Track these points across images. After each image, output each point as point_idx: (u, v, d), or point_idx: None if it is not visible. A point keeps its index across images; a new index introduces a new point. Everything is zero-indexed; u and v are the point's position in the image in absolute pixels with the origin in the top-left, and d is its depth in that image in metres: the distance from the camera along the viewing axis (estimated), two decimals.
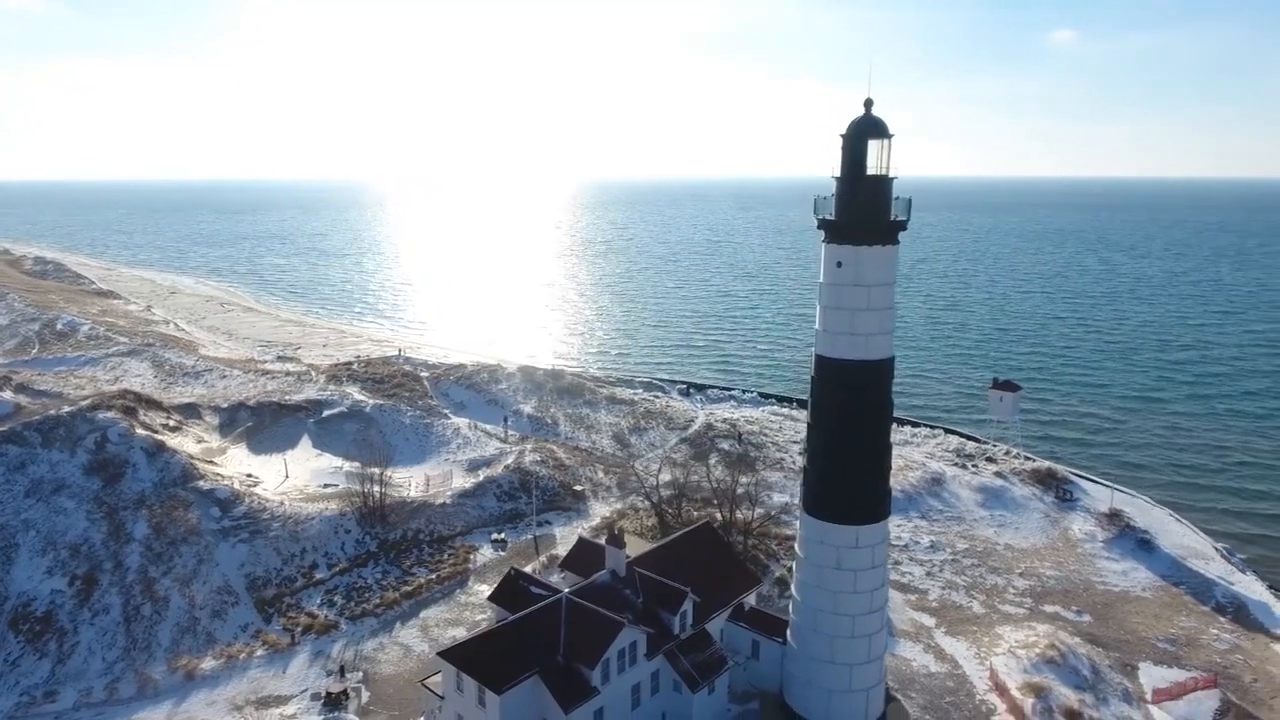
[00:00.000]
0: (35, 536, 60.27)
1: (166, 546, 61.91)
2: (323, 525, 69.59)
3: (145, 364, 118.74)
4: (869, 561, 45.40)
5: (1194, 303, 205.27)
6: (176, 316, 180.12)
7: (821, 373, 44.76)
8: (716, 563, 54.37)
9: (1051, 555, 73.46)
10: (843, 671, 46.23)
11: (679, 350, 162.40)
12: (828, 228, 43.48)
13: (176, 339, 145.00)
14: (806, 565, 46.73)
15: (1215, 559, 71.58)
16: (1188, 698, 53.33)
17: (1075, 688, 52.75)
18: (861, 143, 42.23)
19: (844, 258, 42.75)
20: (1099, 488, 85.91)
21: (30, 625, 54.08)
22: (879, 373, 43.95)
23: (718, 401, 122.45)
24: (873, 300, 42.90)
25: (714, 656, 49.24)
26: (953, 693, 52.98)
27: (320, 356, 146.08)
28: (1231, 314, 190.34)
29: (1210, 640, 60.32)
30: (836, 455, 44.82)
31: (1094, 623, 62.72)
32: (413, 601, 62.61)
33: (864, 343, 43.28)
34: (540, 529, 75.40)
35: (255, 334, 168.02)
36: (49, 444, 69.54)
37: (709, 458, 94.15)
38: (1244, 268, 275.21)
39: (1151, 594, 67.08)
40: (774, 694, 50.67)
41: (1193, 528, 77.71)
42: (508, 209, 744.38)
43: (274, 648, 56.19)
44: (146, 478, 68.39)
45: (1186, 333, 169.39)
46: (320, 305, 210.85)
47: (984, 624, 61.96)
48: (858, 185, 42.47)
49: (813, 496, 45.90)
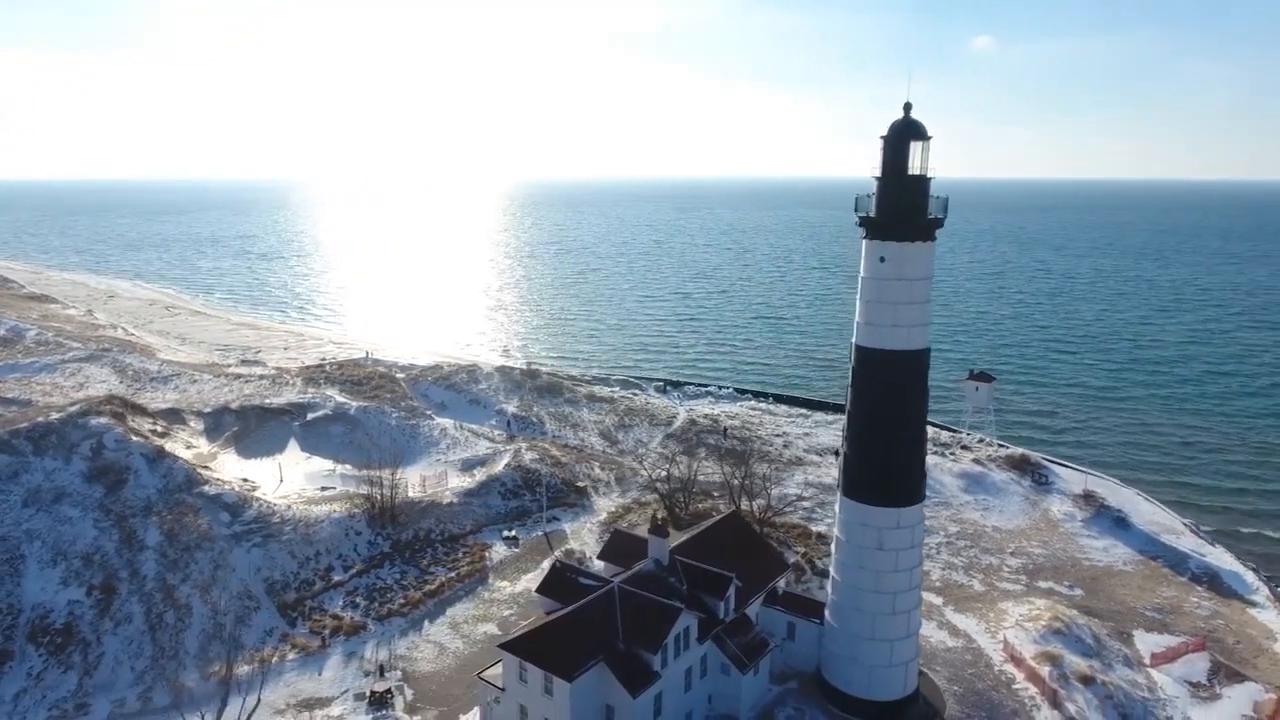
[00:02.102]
0: (42, 547, 58.07)
1: (181, 553, 60.44)
2: (333, 527, 68.82)
3: (106, 369, 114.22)
4: (909, 541, 47.88)
5: (1126, 300, 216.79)
6: (122, 321, 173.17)
7: (864, 363, 46.98)
8: (748, 550, 56.20)
9: (1037, 535, 77.75)
10: (884, 647, 48.59)
11: (643, 349, 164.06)
12: (870, 225, 45.71)
13: (132, 344, 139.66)
14: (847, 547, 48.90)
15: (1185, 534, 76.97)
16: (1181, 660, 57.56)
17: (1083, 655, 56.42)
18: (904, 144, 44.59)
19: (887, 253, 45.06)
20: (1070, 471, 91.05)
21: (51, 637, 52.24)
22: (919, 362, 46.47)
23: (695, 398, 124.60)
24: (914, 294, 45.37)
25: (757, 639, 51.08)
26: (972, 665, 56.01)
27: (284, 359, 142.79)
28: (1163, 310, 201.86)
29: (1192, 608, 65.07)
30: (879, 441, 47.12)
31: (1086, 596, 66.88)
32: (437, 600, 62.63)
33: (905, 334, 45.71)
34: (549, 525, 76.06)
35: (209, 338, 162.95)
36: (41, 451, 66.88)
37: (698, 452, 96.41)
38: (1167, 266, 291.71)
39: (1133, 568, 71.79)
40: (810, 673, 52.75)
41: (1161, 505, 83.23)
42: (444, 209, 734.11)
43: (305, 650, 55.64)
44: (150, 484, 66.43)
45: (1126, 328, 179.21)
46: (270, 308, 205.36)
47: (986, 600, 65.43)
48: (901, 184, 44.83)
49: (854, 481, 48.11)
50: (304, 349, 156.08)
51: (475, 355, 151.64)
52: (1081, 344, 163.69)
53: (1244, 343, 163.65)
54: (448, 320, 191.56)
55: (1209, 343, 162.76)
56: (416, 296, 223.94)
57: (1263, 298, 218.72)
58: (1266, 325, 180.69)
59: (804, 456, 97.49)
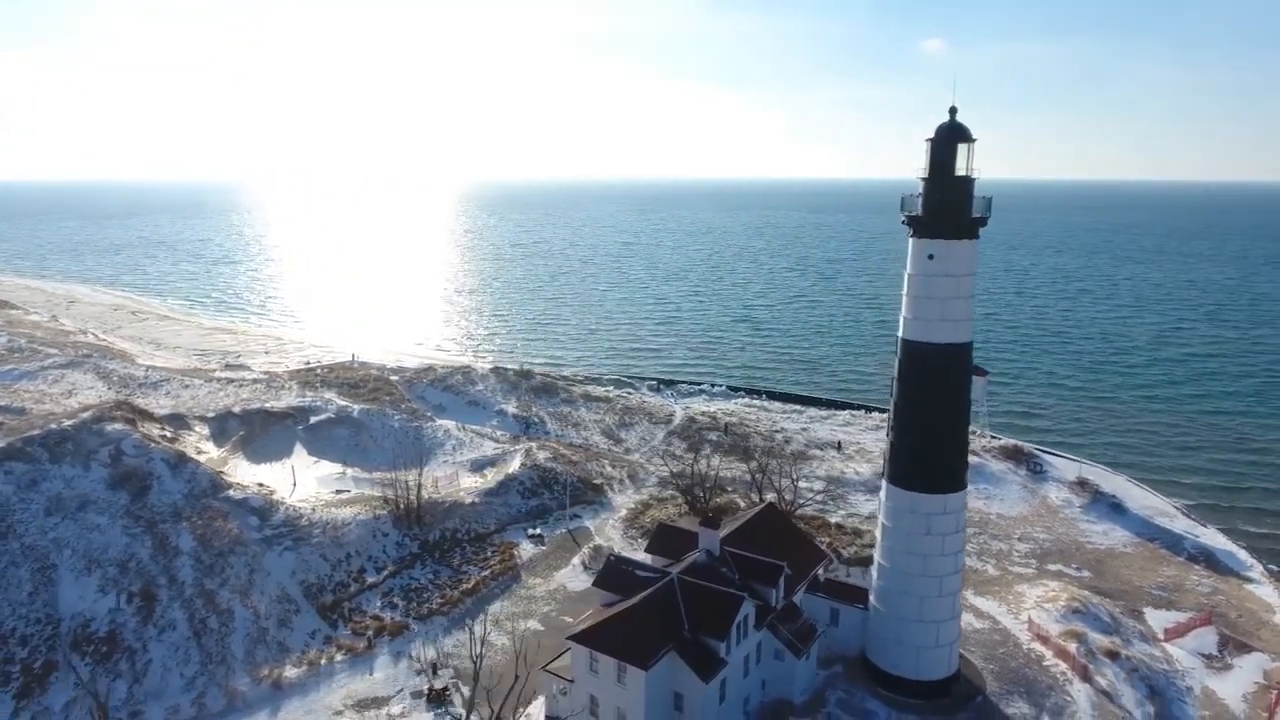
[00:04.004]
0: (72, 555, 56.90)
1: (215, 558, 59.76)
2: (360, 529, 68.63)
3: (90, 376, 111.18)
4: (954, 526, 49.99)
5: (1089, 298, 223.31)
6: (89, 326, 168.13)
7: (912, 356, 48.92)
8: (787, 539, 57.82)
9: (1039, 521, 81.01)
10: (930, 629, 50.60)
11: (628, 350, 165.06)
12: (918, 223, 47.68)
13: (109, 349, 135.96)
14: (894, 533, 50.78)
15: (1178, 516, 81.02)
16: (1192, 634, 60.87)
17: (1103, 632, 59.31)
18: (951, 146, 46.65)
19: (936, 251, 47.08)
20: (1062, 460, 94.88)
21: (95, 646, 51.34)
22: (965, 354, 48.60)
23: (689, 396, 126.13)
24: (960, 289, 47.47)
25: (806, 625, 52.72)
26: (1002, 644, 58.45)
27: (268, 363, 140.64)
28: (1126, 307, 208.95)
29: (1193, 585, 68.69)
30: (927, 430, 49.10)
31: (1093, 577, 70.08)
32: (475, 598, 62.98)
33: (953, 328, 47.79)
34: (572, 522, 76.78)
35: (184, 343, 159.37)
36: (58, 459, 65.35)
37: (703, 449, 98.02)
38: (1121, 264, 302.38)
39: (1133, 550, 75.36)
40: (854, 657, 54.54)
41: (1151, 490, 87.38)
42: (402, 210, 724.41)
43: (352, 652, 55.60)
44: (175, 489, 65.40)
45: (1094, 325, 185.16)
46: (241, 312, 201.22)
47: (1003, 584, 68.14)
48: (948, 184, 46.86)
49: (902, 470, 50.01)
50: (285, 353, 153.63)
51: (462, 357, 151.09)
52: (1046, 340, 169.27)
53: (1207, 337, 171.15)
54: (426, 323, 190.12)
55: (1172, 340, 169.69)
56: (390, 299, 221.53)
57: (1216, 295, 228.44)
58: (1225, 322, 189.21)
59: (806, 451, 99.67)
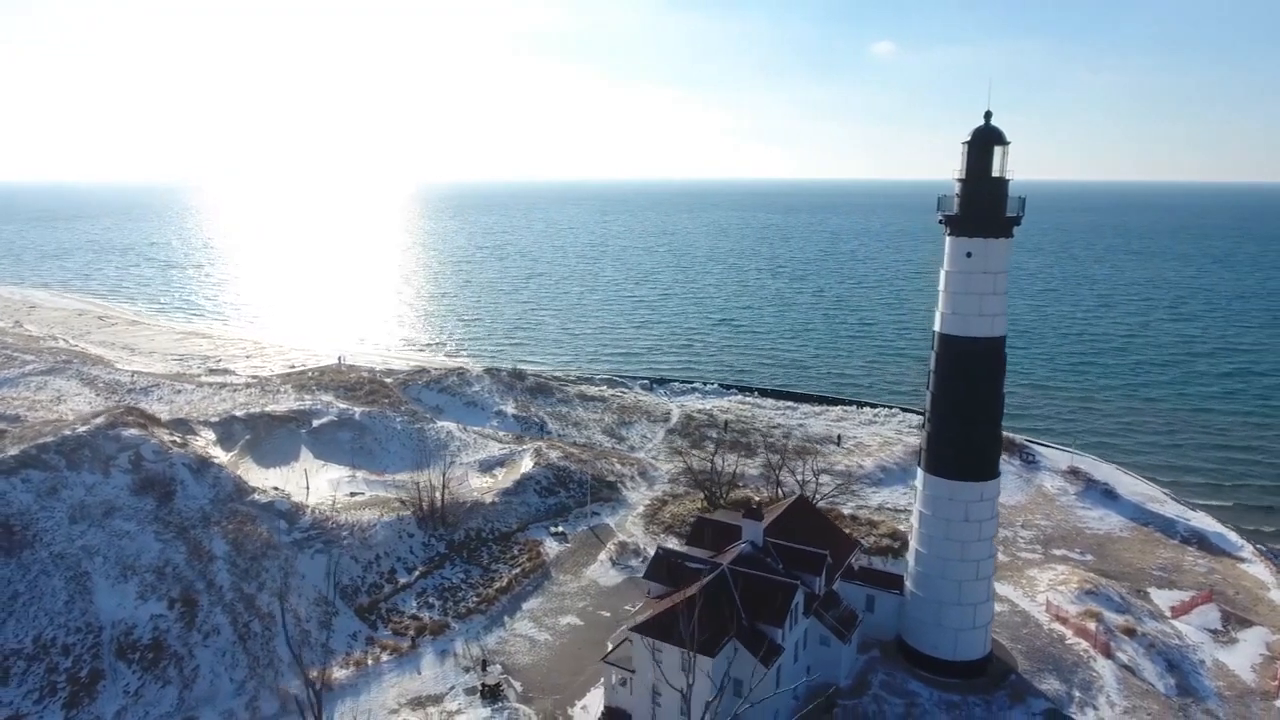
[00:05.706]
0: (105, 563, 55.88)
1: (250, 562, 59.24)
2: (386, 531, 68.54)
3: (75, 382, 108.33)
4: (990, 512, 52.24)
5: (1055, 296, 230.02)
6: (56, 332, 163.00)
7: (950, 351, 50.98)
8: (821, 530, 59.48)
9: (1038, 509, 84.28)
10: (968, 611, 52.75)
11: (613, 350, 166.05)
12: (955, 222, 49.76)
13: (87, 355, 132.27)
14: (932, 520, 52.81)
15: (1168, 501, 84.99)
16: (1196, 611, 64.26)
17: (1117, 611, 62.27)
18: (988, 149, 48.82)
19: (974, 249, 49.20)
20: (1052, 451, 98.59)
21: (141, 653, 50.59)
22: (1000, 346, 50.83)
23: (683, 394, 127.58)
24: (996, 285, 49.67)
25: (847, 612, 54.50)
26: (1024, 625, 61.00)
27: (251, 368, 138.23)
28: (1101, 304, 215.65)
29: (1191, 566, 72.33)
30: (964, 421, 51.21)
31: (1097, 560, 73.34)
32: (509, 596, 63.45)
33: (990, 322, 49.98)
34: (592, 519, 77.59)
35: (158, 348, 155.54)
36: (76, 466, 63.96)
37: (705, 446, 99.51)
38: (1086, 264, 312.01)
39: (1129, 534, 78.95)
40: (890, 641, 56.48)
41: (1140, 477, 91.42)
42: (354, 212, 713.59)
43: (396, 652, 55.71)
44: (200, 494, 64.56)
45: (1063, 322, 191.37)
46: (210, 316, 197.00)
47: (1014, 569, 70.91)
48: (985, 185, 49.02)
49: (940, 459, 52.07)
50: (267, 356, 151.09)
51: (450, 359, 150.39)
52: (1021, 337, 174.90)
53: (1178, 333, 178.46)
54: (406, 325, 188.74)
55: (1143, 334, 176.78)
56: (363, 301, 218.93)
57: (1171, 292, 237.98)
58: (1184, 317, 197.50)
59: (806, 446, 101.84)
